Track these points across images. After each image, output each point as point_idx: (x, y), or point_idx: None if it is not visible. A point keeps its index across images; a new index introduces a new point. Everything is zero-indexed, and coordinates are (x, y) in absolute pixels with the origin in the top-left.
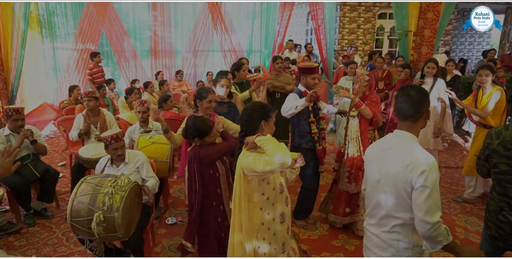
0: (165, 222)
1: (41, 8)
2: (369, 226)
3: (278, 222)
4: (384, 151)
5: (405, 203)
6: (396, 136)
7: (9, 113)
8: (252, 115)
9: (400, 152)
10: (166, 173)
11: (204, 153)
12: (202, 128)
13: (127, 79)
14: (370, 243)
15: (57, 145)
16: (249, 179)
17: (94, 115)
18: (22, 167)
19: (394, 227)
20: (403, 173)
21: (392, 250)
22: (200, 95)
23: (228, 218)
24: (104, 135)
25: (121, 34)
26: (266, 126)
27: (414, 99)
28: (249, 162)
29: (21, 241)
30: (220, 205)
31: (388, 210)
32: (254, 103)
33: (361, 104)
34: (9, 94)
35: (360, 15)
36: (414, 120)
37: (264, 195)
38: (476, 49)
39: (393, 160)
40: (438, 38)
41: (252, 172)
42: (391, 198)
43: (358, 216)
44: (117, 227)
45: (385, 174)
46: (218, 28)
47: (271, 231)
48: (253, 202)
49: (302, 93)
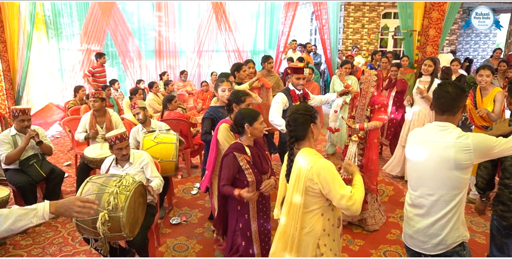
0: (170, 221)
1: (47, 9)
2: (416, 216)
3: (336, 226)
4: (427, 141)
5: (450, 182)
6: (436, 126)
7: (15, 114)
8: (300, 120)
9: (442, 138)
10: (173, 172)
11: (225, 160)
12: (250, 113)
13: (132, 79)
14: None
15: (63, 145)
16: (309, 192)
17: (101, 116)
18: (28, 166)
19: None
20: (449, 155)
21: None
22: (237, 99)
23: (253, 226)
24: (108, 135)
25: (126, 34)
26: (315, 129)
27: (452, 95)
28: (331, 183)
29: (27, 240)
30: (246, 213)
31: (438, 194)
32: (297, 107)
33: (363, 127)
34: (15, 95)
35: (365, 14)
36: (452, 114)
37: (327, 200)
38: (482, 48)
39: (437, 147)
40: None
41: (327, 194)
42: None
43: (367, 213)
44: (122, 226)
45: (431, 161)
46: (222, 28)
47: (330, 237)
48: (314, 209)
49: (290, 91)
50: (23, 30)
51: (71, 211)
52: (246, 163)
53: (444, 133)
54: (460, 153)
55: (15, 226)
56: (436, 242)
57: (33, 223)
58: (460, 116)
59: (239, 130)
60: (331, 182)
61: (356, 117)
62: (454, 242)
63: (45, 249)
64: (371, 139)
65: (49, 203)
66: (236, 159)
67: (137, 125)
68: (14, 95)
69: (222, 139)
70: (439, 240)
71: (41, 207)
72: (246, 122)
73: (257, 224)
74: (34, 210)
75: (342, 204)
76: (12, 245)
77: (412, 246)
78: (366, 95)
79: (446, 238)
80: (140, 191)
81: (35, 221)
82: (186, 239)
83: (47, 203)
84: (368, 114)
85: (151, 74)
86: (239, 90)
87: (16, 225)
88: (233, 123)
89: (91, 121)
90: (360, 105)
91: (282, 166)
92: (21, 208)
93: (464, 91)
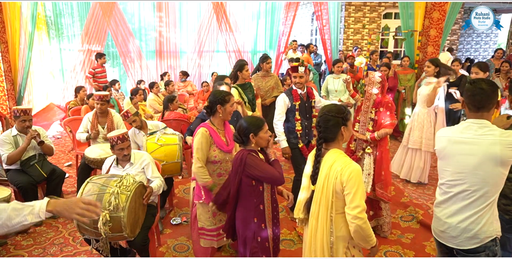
0: (170, 222)
1: (48, 10)
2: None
3: None
4: (467, 139)
5: (492, 179)
6: (474, 124)
7: (17, 114)
8: (331, 122)
9: (484, 136)
10: (178, 172)
11: (250, 160)
12: (254, 122)
13: (132, 80)
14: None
15: (64, 145)
16: (338, 194)
17: (103, 116)
18: (29, 167)
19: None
20: (493, 152)
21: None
22: (221, 99)
23: (268, 234)
24: (110, 135)
25: (127, 35)
26: (346, 131)
27: (488, 92)
28: (355, 189)
29: (28, 241)
30: (262, 223)
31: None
32: (329, 109)
33: (375, 137)
34: (17, 95)
35: (365, 15)
36: (487, 111)
37: None
38: (483, 48)
39: (480, 145)
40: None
41: (345, 195)
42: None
43: (382, 219)
44: (123, 226)
45: (474, 159)
46: (223, 28)
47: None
48: (343, 212)
49: (292, 91)
50: (24, 30)
51: (71, 211)
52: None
53: (484, 130)
54: (506, 149)
55: (10, 222)
56: (470, 236)
57: (27, 220)
58: (493, 112)
59: (242, 140)
60: (355, 188)
61: (360, 120)
62: (488, 236)
63: (46, 250)
64: (382, 147)
65: (47, 200)
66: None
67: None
68: (15, 95)
69: (196, 145)
70: (473, 234)
71: (38, 204)
72: (251, 132)
73: (272, 231)
74: (30, 207)
75: (354, 212)
76: (13, 245)
77: (445, 241)
78: (370, 98)
79: (480, 232)
80: (141, 191)
81: (29, 218)
82: (187, 239)
83: (45, 201)
84: (372, 117)
85: (152, 74)
86: (222, 90)
87: (12, 221)
88: (236, 133)
89: (93, 122)
90: (364, 108)
91: (306, 166)
92: (18, 203)
93: (497, 88)
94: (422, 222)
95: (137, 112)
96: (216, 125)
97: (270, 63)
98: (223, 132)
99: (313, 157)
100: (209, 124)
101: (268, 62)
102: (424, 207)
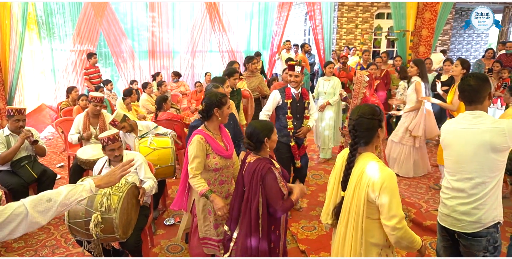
0: (164, 222)
1: (39, 9)
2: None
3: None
4: (463, 128)
5: (487, 165)
6: (469, 115)
7: (11, 113)
8: (368, 125)
9: (477, 124)
10: (172, 175)
11: (268, 181)
12: (265, 126)
13: (125, 80)
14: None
15: (55, 146)
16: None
17: (95, 117)
18: (20, 168)
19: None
20: (489, 139)
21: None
22: (219, 102)
23: (280, 242)
24: (101, 136)
25: (119, 35)
26: (381, 132)
27: (475, 88)
28: (389, 198)
29: (19, 243)
30: (277, 230)
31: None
32: (364, 111)
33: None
34: (7, 96)
35: (358, 15)
36: (480, 103)
37: None
38: (474, 48)
39: (473, 133)
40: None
41: (379, 205)
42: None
43: None
44: (115, 228)
45: (470, 146)
46: (216, 28)
47: (390, 249)
48: (377, 218)
49: (285, 89)
50: (15, 30)
51: (115, 177)
52: (280, 176)
53: (478, 120)
54: (496, 136)
55: (68, 201)
56: (473, 220)
57: (82, 196)
58: (489, 103)
59: (256, 146)
60: (390, 196)
61: (349, 118)
62: (491, 221)
63: (37, 252)
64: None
65: (91, 178)
66: (276, 175)
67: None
68: (5, 96)
69: (192, 152)
70: (476, 219)
71: (87, 183)
72: (265, 136)
73: (283, 237)
74: (81, 186)
75: (392, 223)
76: (4, 248)
77: (448, 225)
78: (358, 96)
79: (483, 217)
80: (133, 192)
81: (84, 194)
82: (180, 240)
83: (90, 179)
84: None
85: (145, 74)
86: (217, 92)
87: (69, 199)
88: (248, 140)
89: (85, 123)
90: (352, 106)
91: (332, 170)
92: (69, 185)
93: (486, 81)
94: (414, 221)
95: (124, 116)
96: (211, 130)
97: (255, 64)
98: (219, 136)
99: (342, 161)
100: (204, 130)
101: (253, 63)
102: (417, 206)
